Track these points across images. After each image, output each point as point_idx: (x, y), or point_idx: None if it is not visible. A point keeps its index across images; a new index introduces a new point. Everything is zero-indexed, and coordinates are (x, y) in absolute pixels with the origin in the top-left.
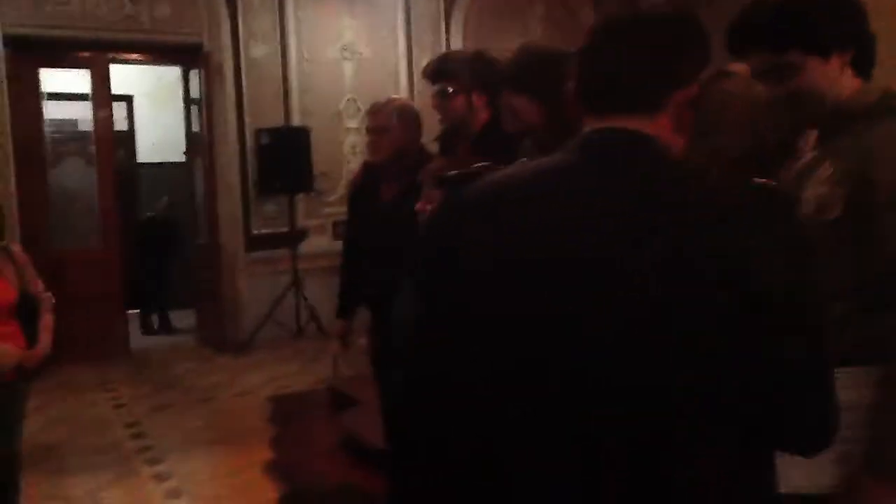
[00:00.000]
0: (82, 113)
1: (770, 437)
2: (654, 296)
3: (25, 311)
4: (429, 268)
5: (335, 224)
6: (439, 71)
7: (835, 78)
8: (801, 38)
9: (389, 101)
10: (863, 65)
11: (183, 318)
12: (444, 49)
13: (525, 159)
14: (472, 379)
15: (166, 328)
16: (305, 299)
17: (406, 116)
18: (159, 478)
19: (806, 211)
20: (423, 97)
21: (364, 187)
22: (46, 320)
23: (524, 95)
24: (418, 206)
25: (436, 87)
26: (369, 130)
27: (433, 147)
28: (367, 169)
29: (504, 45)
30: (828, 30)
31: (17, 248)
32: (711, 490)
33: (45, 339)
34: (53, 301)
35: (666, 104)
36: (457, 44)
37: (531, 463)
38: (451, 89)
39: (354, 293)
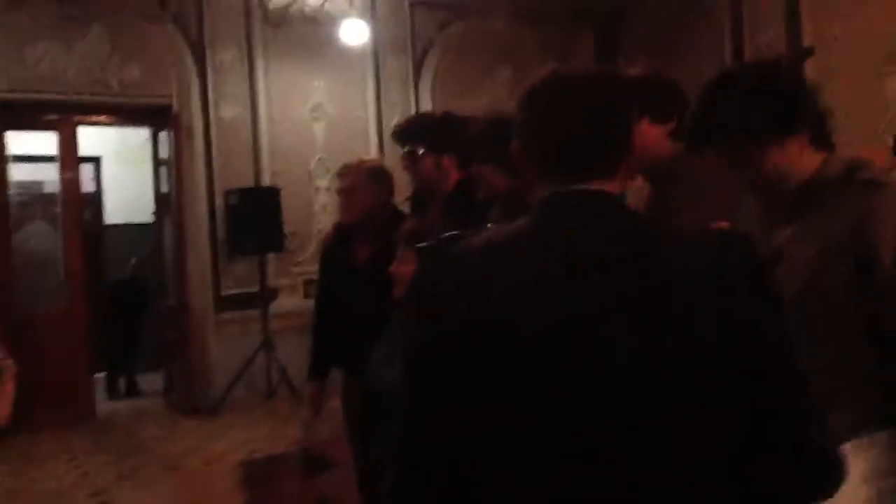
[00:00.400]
0: (49, 174)
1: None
2: (627, 334)
3: None
4: (414, 319)
5: (306, 283)
6: (408, 133)
7: (795, 159)
8: (753, 129)
9: (359, 163)
10: (821, 140)
11: (151, 382)
12: (413, 109)
13: (490, 224)
14: (458, 410)
15: (134, 392)
16: (277, 360)
17: (376, 176)
18: None
19: (796, 285)
20: (393, 157)
21: (336, 248)
22: (6, 390)
23: (489, 163)
24: (392, 267)
25: (405, 149)
26: (340, 192)
27: (405, 206)
28: (339, 229)
29: (473, 104)
30: (778, 119)
31: None
32: None
33: (2, 411)
34: (16, 369)
35: (619, 168)
36: (426, 103)
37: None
38: (420, 151)
39: (326, 355)
